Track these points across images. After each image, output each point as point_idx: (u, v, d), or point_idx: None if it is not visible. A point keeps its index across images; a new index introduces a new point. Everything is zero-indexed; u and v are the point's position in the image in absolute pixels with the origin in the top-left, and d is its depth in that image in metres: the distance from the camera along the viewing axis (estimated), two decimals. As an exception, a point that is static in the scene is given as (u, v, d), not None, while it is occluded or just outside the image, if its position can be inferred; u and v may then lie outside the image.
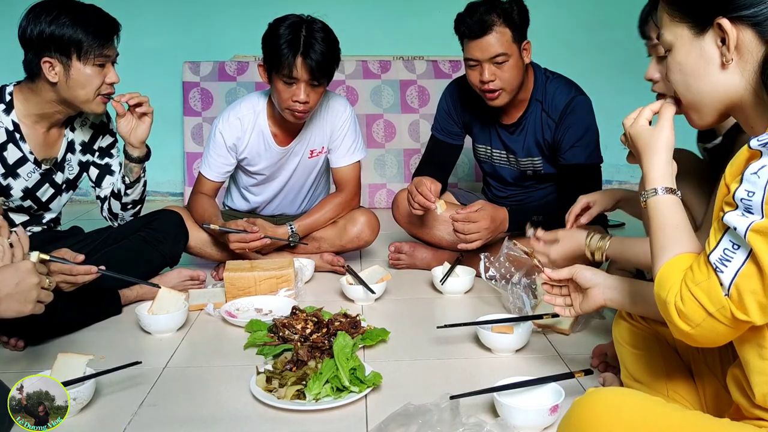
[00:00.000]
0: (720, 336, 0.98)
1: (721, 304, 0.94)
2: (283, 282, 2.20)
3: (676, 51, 1.08)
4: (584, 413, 0.99)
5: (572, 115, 2.24)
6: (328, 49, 2.20)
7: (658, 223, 1.10)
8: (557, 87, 2.29)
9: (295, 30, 2.17)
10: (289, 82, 2.19)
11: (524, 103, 2.32)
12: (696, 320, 0.97)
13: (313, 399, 1.52)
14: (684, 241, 1.07)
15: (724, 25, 1.00)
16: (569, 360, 1.74)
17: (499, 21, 2.11)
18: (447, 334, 1.87)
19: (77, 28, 1.85)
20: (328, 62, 2.20)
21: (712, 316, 0.95)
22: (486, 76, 2.16)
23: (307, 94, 2.21)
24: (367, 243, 2.53)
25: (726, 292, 0.93)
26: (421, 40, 3.63)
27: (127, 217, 2.21)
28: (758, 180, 0.90)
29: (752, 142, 0.92)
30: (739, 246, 0.93)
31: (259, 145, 2.41)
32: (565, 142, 2.26)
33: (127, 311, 2.10)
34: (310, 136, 2.44)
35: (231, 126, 2.39)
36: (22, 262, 1.39)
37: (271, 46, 2.18)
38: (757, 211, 0.90)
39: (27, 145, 1.95)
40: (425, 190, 2.23)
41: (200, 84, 3.60)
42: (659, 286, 1.03)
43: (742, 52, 1.01)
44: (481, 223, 2.16)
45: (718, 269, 0.94)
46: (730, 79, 1.03)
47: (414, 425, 1.35)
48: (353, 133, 2.47)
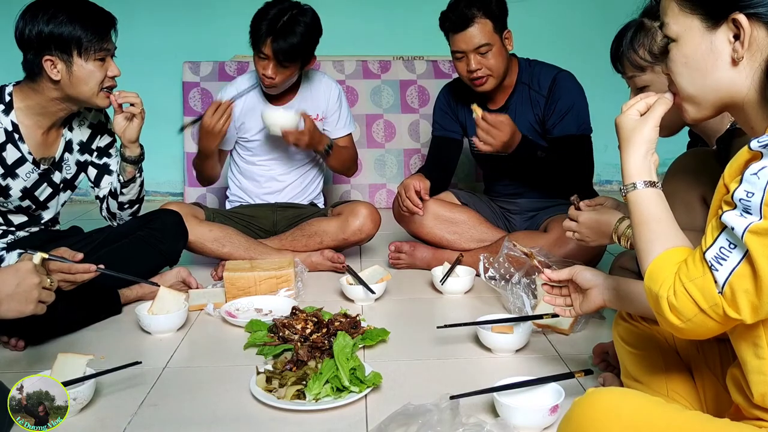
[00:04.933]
0: (708, 331, 0.99)
1: (714, 302, 0.94)
2: (283, 282, 2.20)
3: (684, 43, 1.05)
4: (584, 413, 0.99)
5: (559, 87, 2.37)
6: (302, 40, 2.38)
7: (641, 218, 1.09)
8: (542, 68, 2.43)
9: (279, 13, 2.36)
10: (260, 57, 2.41)
11: (509, 88, 2.44)
12: (687, 315, 0.97)
13: (313, 399, 1.53)
14: (670, 235, 1.06)
15: (740, 21, 0.97)
16: (569, 360, 1.74)
17: (480, 14, 2.25)
18: (447, 334, 1.87)
19: (75, 25, 1.85)
20: (296, 51, 2.38)
21: (704, 312, 0.96)
22: (472, 65, 2.29)
23: (274, 72, 2.42)
24: (369, 236, 2.54)
25: (720, 290, 0.94)
26: (421, 40, 3.62)
27: (125, 216, 2.21)
28: (758, 181, 0.89)
29: (753, 144, 0.92)
30: (735, 245, 0.93)
31: (254, 102, 2.62)
32: (556, 112, 2.35)
33: (127, 311, 2.10)
34: (303, 100, 2.62)
35: (228, 94, 2.59)
36: (22, 262, 1.39)
37: (255, 19, 2.41)
38: (756, 212, 0.90)
39: (26, 146, 1.95)
40: (413, 195, 2.33)
41: (200, 84, 3.59)
42: (651, 280, 1.03)
43: (752, 50, 0.99)
44: (501, 136, 2.18)
45: (713, 267, 0.94)
46: (736, 77, 1.02)
47: (414, 425, 1.35)
48: (346, 108, 2.72)
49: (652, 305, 1.03)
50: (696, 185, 1.59)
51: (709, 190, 1.52)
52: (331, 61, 3.65)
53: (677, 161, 1.68)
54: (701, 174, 1.60)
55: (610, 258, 2.18)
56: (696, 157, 1.70)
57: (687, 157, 1.71)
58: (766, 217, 0.89)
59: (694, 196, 1.59)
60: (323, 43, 3.64)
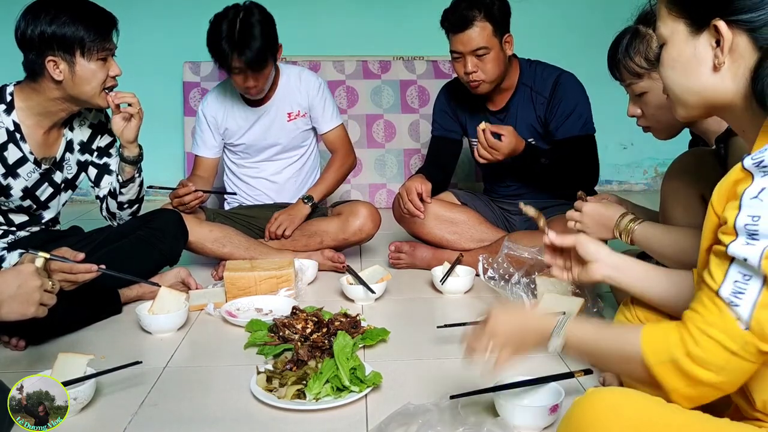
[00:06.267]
0: (745, 374, 0.94)
1: (744, 340, 0.90)
2: (283, 282, 2.20)
3: (671, 46, 1.06)
4: (584, 413, 0.99)
5: (562, 88, 2.36)
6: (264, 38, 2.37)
7: (592, 355, 1.13)
8: (544, 68, 2.43)
9: (231, 26, 2.37)
10: (235, 73, 2.44)
11: (510, 90, 2.43)
12: (719, 363, 0.92)
13: (313, 399, 1.53)
14: (622, 330, 1.10)
15: (720, 27, 0.98)
16: (569, 360, 1.74)
17: (480, 16, 2.24)
18: (447, 334, 1.87)
19: (78, 26, 1.85)
20: (264, 51, 2.38)
21: (736, 354, 0.91)
22: (469, 67, 2.29)
23: (255, 80, 2.45)
24: (369, 236, 2.54)
25: (745, 326, 0.89)
26: (421, 40, 3.62)
27: (124, 216, 2.21)
28: (761, 203, 0.87)
29: (746, 162, 0.90)
30: (750, 276, 0.89)
31: (235, 112, 2.65)
32: (559, 114, 2.35)
33: (128, 311, 2.10)
34: (282, 98, 2.64)
35: (209, 104, 2.67)
36: (24, 264, 1.39)
37: (211, 43, 2.43)
38: (765, 235, 0.87)
39: (27, 145, 1.95)
40: (414, 197, 2.33)
41: (200, 84, 3.60)
42: (652, 354, 0.98)
43: (735, 57, 0.99)
44: (503, 149, 2.18)
45: (733, 303, 0.90)
46: (720, 82, 1.01)
47: (414, 425, 1.35)
48: (331, 100, 2.70)
49: (665, 379, 0.97)
50: (695, 184, 1.60)
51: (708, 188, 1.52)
52: (331, 61, 3.65)
53: (677, 161, 1.68)
54: (700, 173, 1.60)
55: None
56: (695, 157, 1.70)
57: (686, 156, 1.71)
58: None
59: (693, 195, 1.60)
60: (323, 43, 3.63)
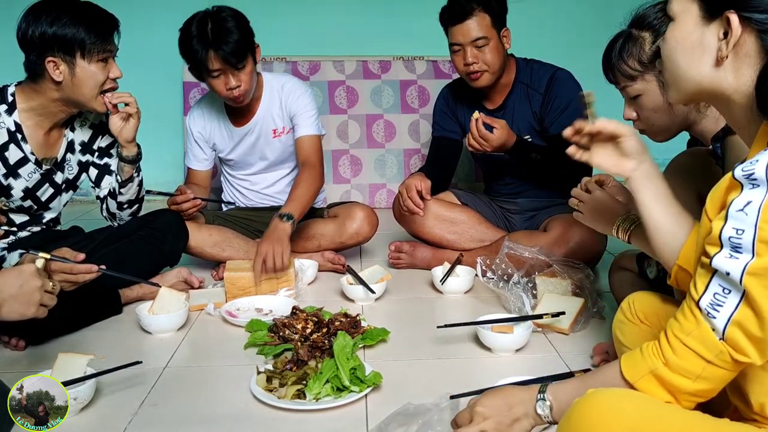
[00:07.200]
0: (721, 381, 0.97)
1: (719, 350, 0.93)
2: (283, 282, 2.20)
3: (679, 24, 1.04)
4: (584, 413, 0.99)
5: (557, 84, 2.38)
6: (239, 32, 2.27)
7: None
8: (540, 66, 2.45)
9: (201, 26, 2.27)
10: (214, 76, 2.32)
11: (507, 88, 2.45)
12: (695, 371, 0.96)
13: (313, 399, 1.53)
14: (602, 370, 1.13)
15: (732, 20, 0.96)
16: (569, 359, 1.74)
17: (479, 8, 2.28)
18: (447, 334, 1.87)
19: (79, 27, 1.85)
20: (241, 45, 2.28)
21: (711, 363, 0.94)
22: (468, 58, 2.31)
23: (237, 79, 2.32)
24: (366, 239, 2.54)
25: (721, 336, 0.93)
26: (421, 40, 3.62)
27: (124, 216, 2.21)
28: (746, 217, 0.88)
29: (736, 172, 0.90)
30: (730, 290, 0.91)
31: (221, 129, 2.59)
32: (553, 110, 2.36)
33: (128, 311, 2.10)
34: (265, 114, 2.54)
35: (194, 119, 2.61)
36: (25, 265, 1.39)
37: (185, 46, 2.33)
38: (747, 250, 0.88)
39: (28, 146, 1.95)
40: (414, 195, 2.33)
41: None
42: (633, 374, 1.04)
43: (740, 55, 0.98)
44: (493, 142, 2.18)
45: (710, 314, 0.93)
46: (720, 76, 1.01)
47: (414, 425, 1.35)
48: (313, 109, 2.53)
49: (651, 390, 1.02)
50: (692, 183, 1.60)
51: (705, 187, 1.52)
52: (331, 61, 3.65)
53: (674, 160, 1.69)
54: (697, 172, 1.60)
55: (610, 258, 2.19)
56: (692, 156, 1.70)
57: (683, 156, 1.72)
58: (759, 255, 0.87)
59: (690, 195, 1.60)
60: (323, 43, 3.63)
